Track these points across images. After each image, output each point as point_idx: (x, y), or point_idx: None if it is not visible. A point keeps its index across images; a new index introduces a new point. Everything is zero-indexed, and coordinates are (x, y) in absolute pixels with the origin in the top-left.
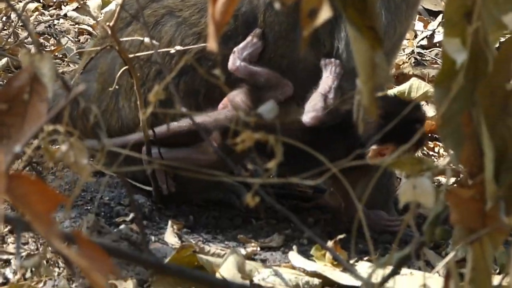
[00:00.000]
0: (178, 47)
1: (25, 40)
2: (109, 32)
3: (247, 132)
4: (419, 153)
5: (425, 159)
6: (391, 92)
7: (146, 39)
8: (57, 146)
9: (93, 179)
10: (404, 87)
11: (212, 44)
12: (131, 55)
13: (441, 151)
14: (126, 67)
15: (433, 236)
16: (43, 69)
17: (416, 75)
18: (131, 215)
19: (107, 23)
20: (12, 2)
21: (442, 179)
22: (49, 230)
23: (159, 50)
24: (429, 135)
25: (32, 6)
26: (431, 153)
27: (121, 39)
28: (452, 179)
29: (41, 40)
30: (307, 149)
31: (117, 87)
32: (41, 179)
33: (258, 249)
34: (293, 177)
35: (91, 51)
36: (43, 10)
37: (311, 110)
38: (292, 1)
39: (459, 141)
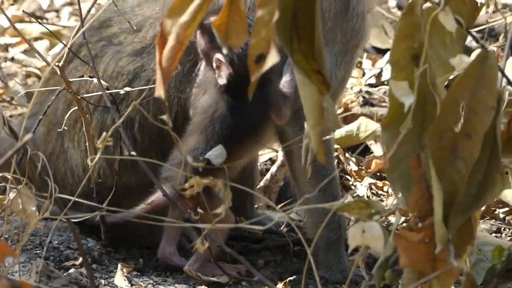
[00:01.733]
0: (127, 88)
1: None
2: (58, 72)
3: (195, 178)
4: (368, 193)
5: (373, 202)
6: (340, 131)
7: (95, 80)
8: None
9: (41, 225)
10: (352, 126)
11: (159, 91)
12: (80, 96)
13: (390, 190)
14: (75, 108)
15: (383, 279)
16: None
17: (364, 114)
18: (81, 259)
19: (56, 63)
20: None
21: (392, 218)
22: None
23: (108, 91)
24: (378, 174)
25: None
26: (380, 192)
27: (70, 80)
28: (401, 219)
29: None
30: None
31: (62, 128)
32: None
33: None
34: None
35: (39, 94)
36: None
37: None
38: (239, 45)
39: (408, 185)
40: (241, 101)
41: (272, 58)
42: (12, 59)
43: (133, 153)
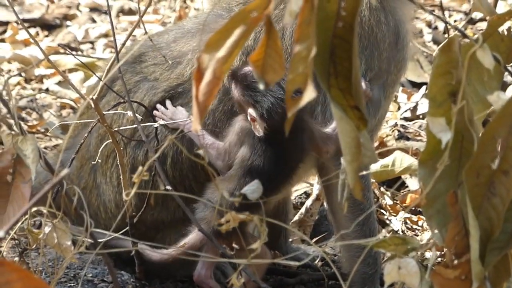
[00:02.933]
0: (162, 122)
1: (7, 115)
2: (93, 105)
3: (231, 213)
4: (402, 227)
5: (409, 238)
6: (375, 165)
7: (129, 113)
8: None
9: (76, 259)
10: (388, 160)
11: (196, 125)
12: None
13: (425, 224)
14: (108, 141)
15: None
16: (26, 151)
17: (399, 148)
18: None
19: (91, 97)
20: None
21: (428, 253)
22: None
23: (142, 124)
24: (413, 208)
25: (14, 80)
26: (414, 226)
27: (104, 112)
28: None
29: (23, 115)
30: None
31: (93, 162)
32: (24, 261)
33: None
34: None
35: (74, 126)
36: (25, 84)
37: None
38: (276, 81)
39: (444, 221)
40: (279, 149)
41: (309, 94)
42: (47, 91)
43: (169, 187)
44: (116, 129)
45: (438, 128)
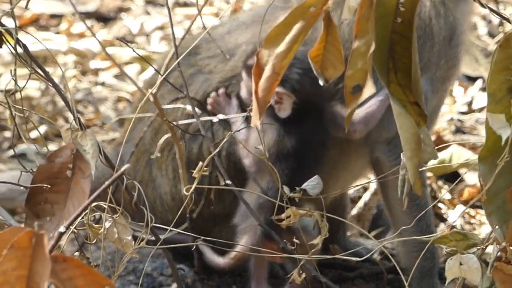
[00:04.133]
0: (221, 116)
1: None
2: (152, 99)
3: (292, 208)
4: (460, 221)
5: (470, 234)
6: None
7: (188, 107)
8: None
9: (136, 255)
10: (445, 154)
11: (255, 121)
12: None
13: (482, 219)
14: (168, 135)
15: None
16: (85, 146)
17: (456, 142)
18: (174, 286)
19: (150, 91)
20: (50, 70)
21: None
22: None
23: (201, 118)
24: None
25: (70, 73)
26: (472, 221)
27: (163, 107)
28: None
29: (80, 108)
30: None
31: (152, 157)
32: (84, 255)
33: None
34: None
35: (130, 121)
36: (81, 77)
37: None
38: (335, 77)
39: (505, 217)
40: (303, 129)
41: (369, 89)
42: (103, 84)
43: (228, 181)
44: (174, 123)
45: (498, 124)
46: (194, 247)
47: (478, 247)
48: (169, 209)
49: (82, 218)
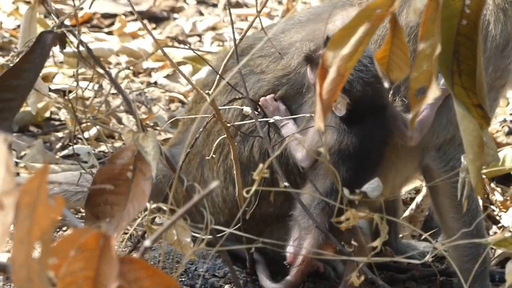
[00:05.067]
0: (277, 117)
1: (117, 109)
2: (208, 100)
3: (352, 210)
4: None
5: None
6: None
7: (246, 108)
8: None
9: (195, 257)
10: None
11: (319, 123)
12: (229, 124)
13: None
14: (223, 136)
15: None
16: (147, 148)
17: (510, 144)
18: (226, 287)
19: (207, 92)
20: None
21: None
22: None
23: (260, 120)
24: None
25: (122, 73)
26: None
27: (220, 107)
28: None
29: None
30: None
31: (207, 158)
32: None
33: None
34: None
35: (184, 120)
36: (133, 78)
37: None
38: (402, 79)
39: None
40: (363, 128)
41: (434, 92)
42: (155, 84)
43: (286, 183)
44: (230, 124)
45: None
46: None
47: None
48: (221, 211)
49: (142, 219)
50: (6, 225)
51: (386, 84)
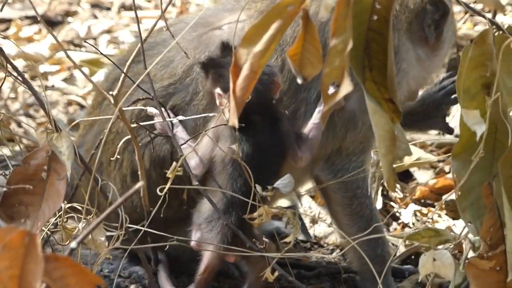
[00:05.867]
0: (181, 117)
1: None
2: (112, 101)
3: (265, 207)
4: (413, 219)
5: (442, 230)
6: None
7: (151, 109)
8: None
9: (110, 256)
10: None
11: (233, 120)
12: (133, 125)
13: (435, 217)
14: (128, 137)
15: None
16: (61, 148)
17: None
18: (132, 287)
19: (110, 93)
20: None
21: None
22: None
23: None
24: (422, 201)
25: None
26: (424, 219)
27: (124, 108)
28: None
29: (31, 112)
30: None
31: (112, 158)
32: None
33: None
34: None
35: (84, 124)
36: (30, 81)
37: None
38: (314, 75)
39: (479, 213)
40: (258, 139)
41: (346, 87)
42: (52, 88)
43: (196, 183)
44: (139, 123)
45: (473, 120)
46: (150, 248)
47: (450, 243)
48: (119, 217)
49: (56, 219)
50: None
51: (299, 80)
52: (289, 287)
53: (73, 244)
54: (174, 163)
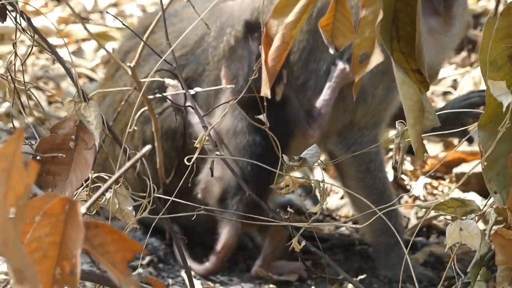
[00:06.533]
0: (198, 89)
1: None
2: (130, 73)
3: (291, 177)
4: (423, 192)
5: (468, 201)
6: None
7: (168, 80)
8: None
9: (137, 226)
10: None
11: (265, 90)
12: (150, 96)
13: (445, 189)
14: (144, 108)
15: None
16: (89, 117)
17: None
18: (147, 259)
19: (128, 64)
20: (8, 47)
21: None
22: (126, 278)
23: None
24: (433, 174)
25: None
26: (435, 191)
27: (141, 80)
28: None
29: (40, 84)
30: None
31: (129, 130)
32: None
33: None
34: None
35: (98, 96)
36: (39, 55)
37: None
38: (346, 45)
39: (504, 183)
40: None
41: (376, 58)
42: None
43: (217, 153)
44: (156, 94)
45: (499, 91)
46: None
47: (476, 213)
48: (133, 188)
49: (84, 189)
50: None
51: (331, 51)
52: (308, 259)
53: (83, 209)
54: (202, 133)
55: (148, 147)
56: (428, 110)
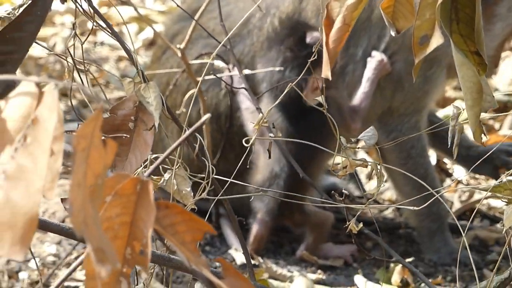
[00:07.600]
0: (247, 71)
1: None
2: (179, 55)
3: (349, 158)
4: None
5: None
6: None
7: (218, 62)
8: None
9: (195, 207)
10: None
11: (326, 72)
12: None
13: None
14: (193, 91)
15: None
16: (149, 98)
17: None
18: None
19: (178, 46)
20: (51, 30)
21: None
22: (197, 259)
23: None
24: None
25: (67, 33)
26: (477, 176)
27: (191, 62)
28: None
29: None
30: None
31: (178, 112)
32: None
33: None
34: None
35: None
36: (80, 37)
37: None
38: (407, 27)
39: None
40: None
41: (437, 39)
42: (102, 44)
43: (271, 134)
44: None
45: None
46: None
47: None
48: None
49: (142, 169)
50: (56, 171)
51: (392, 33)
52: (351, 242)
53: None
54: (260, 114)
55: (207, 115)
56: (486, 92)
